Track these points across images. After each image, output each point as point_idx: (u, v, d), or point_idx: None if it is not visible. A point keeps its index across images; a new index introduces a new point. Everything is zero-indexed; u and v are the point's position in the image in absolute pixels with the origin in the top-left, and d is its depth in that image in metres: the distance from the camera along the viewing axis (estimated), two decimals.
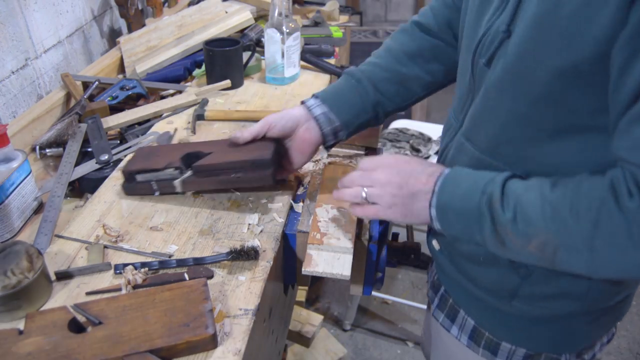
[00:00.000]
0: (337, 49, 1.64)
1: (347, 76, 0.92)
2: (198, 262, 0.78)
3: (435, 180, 0.71)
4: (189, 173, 0.92)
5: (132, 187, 0.92)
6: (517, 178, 0.66)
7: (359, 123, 0.91)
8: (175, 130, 1.12)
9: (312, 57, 1.47)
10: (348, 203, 0.80)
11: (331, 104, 0.89)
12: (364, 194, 0.75)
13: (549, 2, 0.58)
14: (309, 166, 1.03)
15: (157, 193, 0.92)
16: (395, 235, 1.08)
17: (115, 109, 1.26)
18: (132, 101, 1.32)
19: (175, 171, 0.91)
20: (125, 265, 0.77)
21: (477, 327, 0.84)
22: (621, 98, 0.56)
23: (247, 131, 0.90)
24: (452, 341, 0.89)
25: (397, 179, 0.73)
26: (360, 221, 0.88)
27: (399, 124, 2.18)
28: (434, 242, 0.88)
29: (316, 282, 2.29)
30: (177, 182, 0.91)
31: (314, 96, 0.91)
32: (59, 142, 1.08)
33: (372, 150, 1.08)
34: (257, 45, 1.50)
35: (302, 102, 0.91)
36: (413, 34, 0.94)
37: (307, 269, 0.78)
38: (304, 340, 1.90)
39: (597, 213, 0.57)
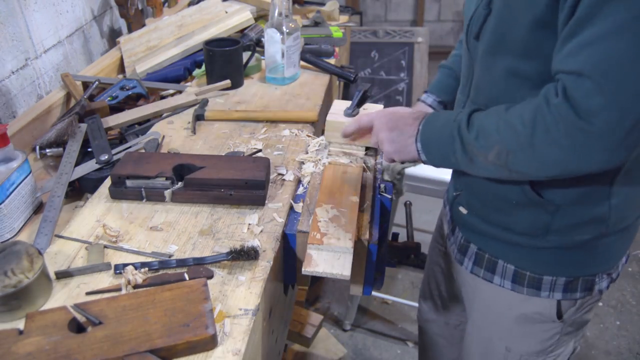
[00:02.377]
0: (337, 49, 1.64)
1: (441, 68, 1.18)
2: (198, 262, 0.78)
3: (420, 121, 0.87)
4: (179, 185, 0.92)
5: (120, 191, 0.92)
6: (479, 110, 0.81)
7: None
8: (163, 137, 1.12)
9: (312, 57, 1.47)
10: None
11: (436, 93, 1.15)
12: (375, 139, 0.94)
13: None
14: (309, 166, 1.03)
15: (144, 200, 0.93)
16: (395, 235, 1.08)
17: (115, 109, 1.26)
18: (132, 101, 1.32)
19: (167, 181, 0.91)
20: (125, 265, 0.77)
21: (518, 269, 0.93)
22: (560, 26, 0.69)
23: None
24: (495, 290, 0.98)
25: (389, 124, 0.90)
26: (360, 221, 0.88)
27: None
28: (461, 208, 0.99)
29: (316, 282, 2.28)
30: (167, 193, 0.91)
31: (425, 92, 1.18)
32: (59, 142, 1.08)
33: (372, 150, 1.08)
34: (257, 45, 1.50)
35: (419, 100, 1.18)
36: None
37: (307, 269, 0.78)
38: (304, 340, 1.90)
39: (534, 115, 0.70)
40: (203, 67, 1.39)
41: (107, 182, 0.97)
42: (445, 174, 1.76)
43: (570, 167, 0.71)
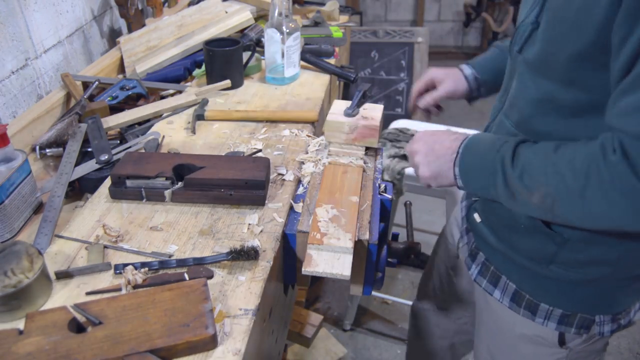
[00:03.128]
0: (337, 49, 1.64)
1: (493, 48, 1.16)
2: (198, 262, 0.78)
3: (459, 144, 0.85)
4: (179, 185, 0.92)
5: (120, 191, 0.92)
6: (528, 142, 0.78)
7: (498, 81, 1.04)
8: (163, 137, 1.12)
9: (312, 57, 1.47)
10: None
11: (478, 69, 1.14)
12: (412, 160, 0.92)
13: None
14: (309, 166, 1.03)
15: (144, 200, 0.93)
16: (395, 236, 1.08)
17: (115, 109, 1.26)
18: (132, 101, 1.32)
19: (167, 181, 0.91)
20: (125, 265, 0.77)
21: (518, 290, 0.93)
22: (615, 73, 0.66)
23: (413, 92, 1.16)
24: (495, 303, 0.98)
25: (425, 147, 0.89)
26: (359, 221, 0.88)
27: (399, 124, 2.17)
28: (475, 215, 0.98)
29: (316, 282, 2.28)
30: (167, 193, 0.91)
31: (466, 63, 1.16)
32: (59, 142, 1.08)
33: (372, 150, 1.08)
34: (257, 45, 1.50)
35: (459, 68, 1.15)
36: None
37: (307, 269, 0.78)
38: (304, 340, 1.90)
39: (588, 167, 0.67)
40: (203, 67, 1.39)
41: (107, 182, 0.97)
42: None
43: (622, 225, 0.68)
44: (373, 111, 1.07)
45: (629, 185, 0.64)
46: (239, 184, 0.90)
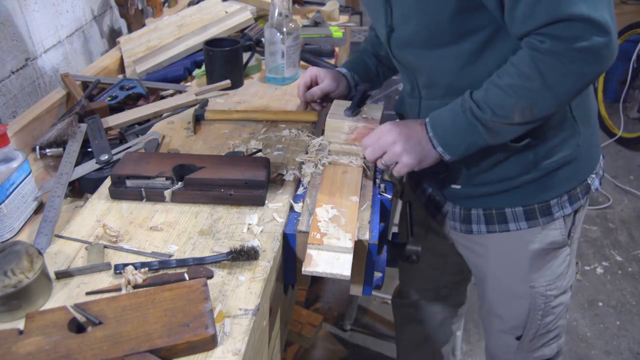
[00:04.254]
0: (337, 49, 1.64)
1: (354, 53, 1.25)
2: (198, 262, 0.78)
3: (425, 126, 0.91)
4: (179, 185, 0.92)
5: (120, 191, 0.92)
6: (474, 90, 0.87)
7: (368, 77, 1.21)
8: (163, 137, 1.12)
9: (312, 57, 1.47)
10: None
11: (350, 69, 1.21)
12: (382, 165, 0.94)
13: None
14: (309, 166, 1.03)
15: (144, 200, 0.93)
16: (395, 235, 1.08)
17: (115, 109, 1.26)
18: (132, 101, 1.32)
19: (167, 181, 0.91)
20: (125, 265, 0.77)
21: (526, 207, 1.01)
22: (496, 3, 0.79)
23: (300, 86, 1.19)
24: (513, 237, 1.05)
25: (402, 136, 0.91)
26: (358, 220, 0.88)
27: None
28: (453, 186, 1.05)
29: (316, 282, 2.28)
30: (167, 193, 0.91)
31: (341, 66, 1.23)
32: (59, 142, 1.08)
33: None
34: (257, 45, 1.50)
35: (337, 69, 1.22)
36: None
37: (307, 269, 0.78)
38: (304, 340, 1.90)
39: (534, 65, 0.78)
40: (203, 67, 1.39)
41: (107, 182, 0.97)
42: None
43: (587, 80, 0.80)
44: (373, 111, 1.07)
45: (569, 52, 0.75)
46: (239, 184, 0.90)
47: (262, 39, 1.44)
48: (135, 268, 0.76)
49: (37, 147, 1.08)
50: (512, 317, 1.16)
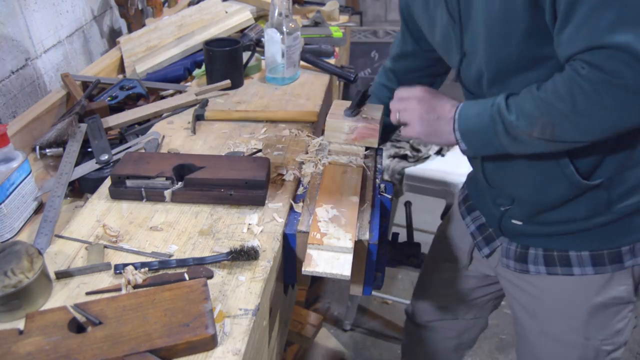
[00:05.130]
0: (337, 49, 1.63)
1: (378, 87, 1.21)
2: (198, 262, 0.78)
3: (455, 109, 0.89)
4: (179, 185, 0.92)
5: (121, 191, 0.92)
6: (513, 94, 0.83)
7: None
8: (163, 137, 1.12)
9: (312, 57, 1.47)
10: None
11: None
12: (397, 116, 0.95)
13: None
14: (309, 166, 1.03)
15: (144, 200, 0.93)
16: (395, 235, 1.08)
17: (115, 109, 1.26)
18: (132, 101, 1.32)
19: (167, 181, 0.91)
20: (125, 265, 0.77)
21: (594, 252, 0.95)
22: (550, 23, 0.75)
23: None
24: (574, 282, 0.99)
25: (426, 106, 0.91)
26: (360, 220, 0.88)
27: None
28: (514, 221, 1.01)
29: (316, 282, 2.28)
30: (167, 193, 0.91)
31: None
32: (59, 142, 1.08)
33: (372, 150, 1.08)
34: (257, 45, 1.50)
35: None
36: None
37: (307, 269, 0.78)
38: (304, 340, 1.90)
39: (570, 88, 0.73)
40: (203, 67, 1.39)
41: (107, 182, 0.97)
42: (445, 175, 1.76)
43: (619, 124, 0.74)
44: (373, 111, 1.07)
45: (607, 84, 0.70)
46: (239, 184, 0.90)
47: (262, 39, 1.44)
48: (135, 268, 0.76)
49: (37, 147, 1.08)
50: None
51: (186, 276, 0.75)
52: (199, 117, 1.20)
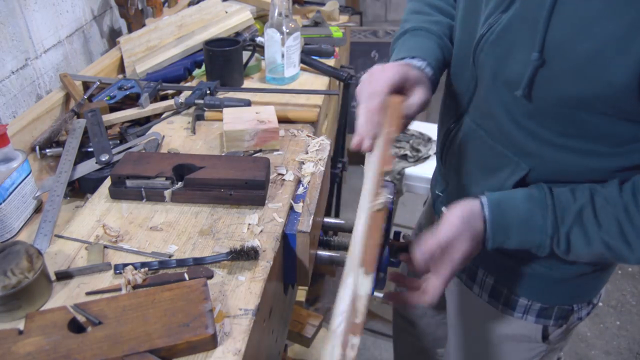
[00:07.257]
0: (337, 49, 1.63)
1: (419, 31, 0.90)
2: (198, 262, 0.78)
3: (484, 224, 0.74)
4: (179, 185, 0.92)
5: (120, 191, 0.92)
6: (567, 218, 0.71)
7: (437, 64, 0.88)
8: (163, 137, 1.12)
9: (306, 57, 1.46)
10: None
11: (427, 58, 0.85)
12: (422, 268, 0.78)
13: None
14: (309, 166, 1.03)
15: (144, 200, 0.93)
16: (397, 235, 1.07)
17: (114, 109, 1.26)
18: (132, 101, 1.32)
19: (167, 181, 0.91)
20: (125, 265, 0.77)
21: (496, 285, 0.93)
22: None
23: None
24: (474, 299, 0.98)
25: (470, 248, 0.74)
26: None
27: None
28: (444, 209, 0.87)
29: (316, 282, 2.28)
30: (167, 193, 0.91)
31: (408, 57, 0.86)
32: (56, 140, 1.08)
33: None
34: (251, 44, 1.50)
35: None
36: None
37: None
38: (304, 340, 1.90)
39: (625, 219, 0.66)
40: (203, 67, 1.39)
41: (107, 182, 0.97)
42: None
43: None
44: (266, 114, 1.07)
45: None
46: (239, 184, 0.90)
47: (257, 39, 1.44)
48: (135, 268, 0.76)
49: (37, 147, 1.08)
50: None
51: (186, 276, 0.75)
52: (199, 117, 1.20)
